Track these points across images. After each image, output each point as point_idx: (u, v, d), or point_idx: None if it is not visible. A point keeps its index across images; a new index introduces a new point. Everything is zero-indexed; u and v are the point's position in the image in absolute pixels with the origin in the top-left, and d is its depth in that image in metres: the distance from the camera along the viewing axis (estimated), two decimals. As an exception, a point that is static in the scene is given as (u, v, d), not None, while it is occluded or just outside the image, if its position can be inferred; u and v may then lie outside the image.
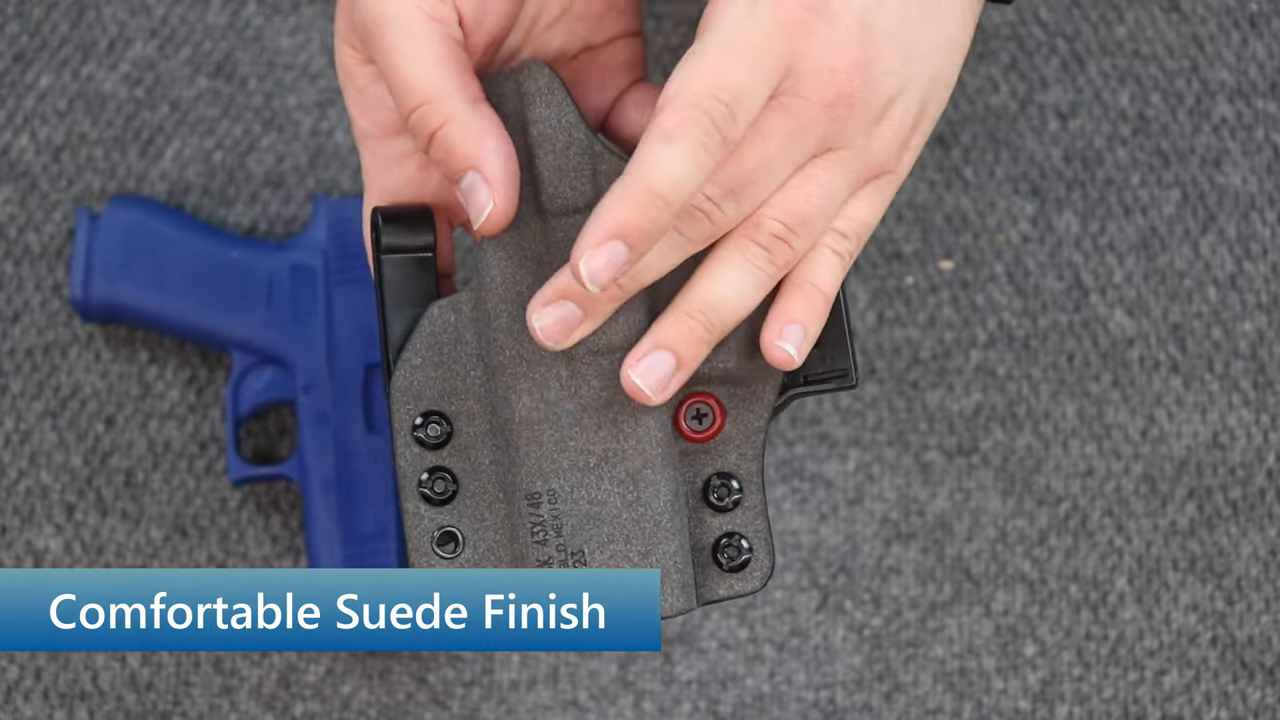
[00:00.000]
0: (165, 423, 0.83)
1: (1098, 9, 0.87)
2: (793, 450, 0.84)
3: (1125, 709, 0.83)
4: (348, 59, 0.56)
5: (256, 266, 0.81)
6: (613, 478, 0.55)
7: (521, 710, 0.82)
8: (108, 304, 0.81)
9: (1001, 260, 0.86)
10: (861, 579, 0.83)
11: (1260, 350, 0.85)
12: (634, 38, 0.61)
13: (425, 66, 0.53)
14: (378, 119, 0.57)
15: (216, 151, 0.85)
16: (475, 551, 0.55)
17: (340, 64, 0.57)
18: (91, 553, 0.83)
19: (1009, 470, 0.84)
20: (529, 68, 0.55)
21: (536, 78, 0.55)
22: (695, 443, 0.56)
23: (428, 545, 0.55)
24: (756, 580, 0.56)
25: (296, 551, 0.83)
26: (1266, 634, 0.83)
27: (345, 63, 0.56)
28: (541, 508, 0.55)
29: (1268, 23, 0.88)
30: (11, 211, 0.85)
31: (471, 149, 0.53)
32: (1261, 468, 0.84)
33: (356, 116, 0.57)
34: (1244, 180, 0.86)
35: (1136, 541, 0.84)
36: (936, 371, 0.85)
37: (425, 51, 0.53)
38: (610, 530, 0.55)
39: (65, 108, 0.85)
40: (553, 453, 0.55)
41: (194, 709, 0.81)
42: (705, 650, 0.83)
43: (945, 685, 0.83)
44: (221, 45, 0.86)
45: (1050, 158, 0.86)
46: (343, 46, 0.56)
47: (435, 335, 0.55)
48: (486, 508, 0.55)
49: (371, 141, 0.57)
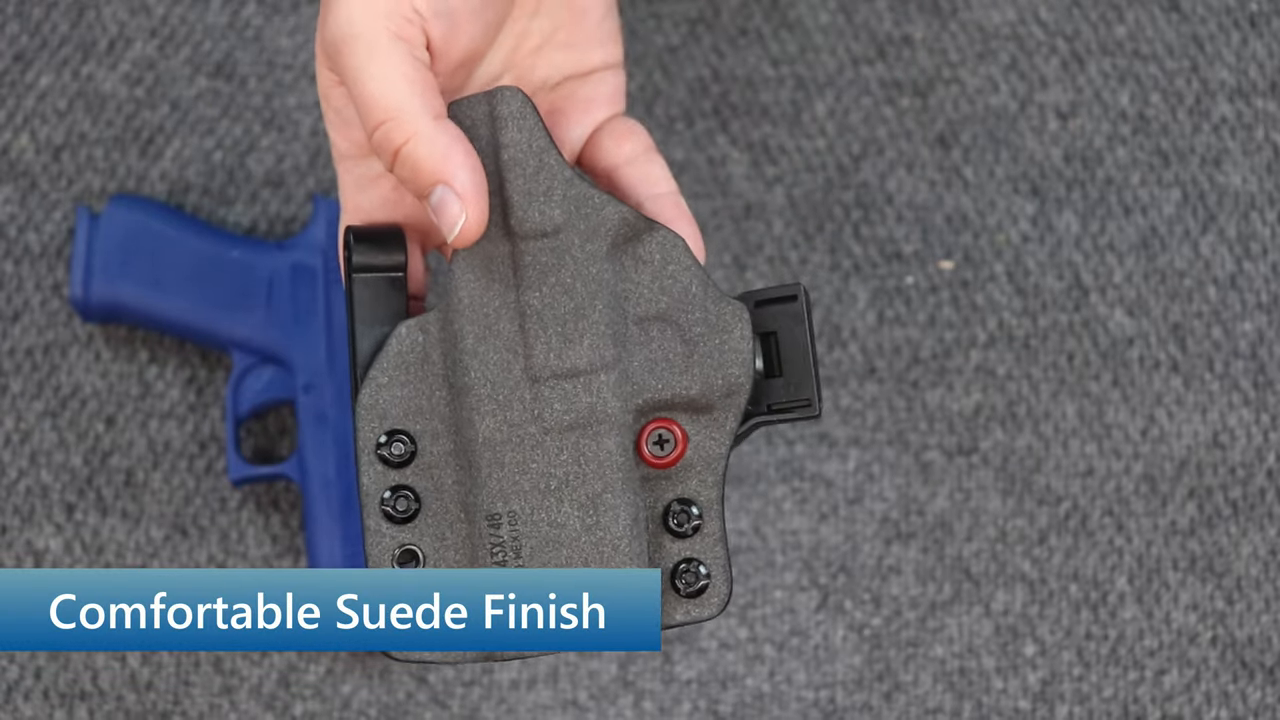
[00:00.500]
0: (165, 423, 0.83)
1: (1098, 9, 0.87)
2: (793, 450, 0.84)
3: (1125, 709, 0.83)
4: (325, 80, 0.56)
5: (256, 266, 0.81)
6: (573, 500, 0.55)
7: (521, 710, 0.82)
8: (108, 304, 0.81)
9: (1001, 260, 0.86)
10: (861, 579, 0.83)
11: (1260, 350, 0.85)
12: (615, 70, 0.61)
13: (389, 83, 0.53)
14: (353, 139, 0.57)
15: (216, 151, 0.85)
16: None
17: (319, 85, 0.57)
18: (91, 553, 0.83)
19: (1009, 470, 0.84)
20: (501, 93, 0.55)
21: (509, 102, 0.55)
22: (656, 468, 0.56)
23: (388, 562, 0.55)
24: (714, 606, 0.56)
25: (296, 551, 0.83)
26: (1266, 634, 0.83)
27: (323, 84, 0.57)
28: (502, 529, 0.55)
29: (1268, 23, 0.88)
30: (11, 211, 0.85)
31: (438, 164, 0.53)
32: (1261, 468, 0.84)
33: (334, 137, 0.58)
34: (1244, 180, 0.86)
35: (1136, 541, 0.84)
36: (936, 371, 0.85)
37: (389, 69, 0.53)
38: (569, 553, 0.55)
39: (65, 108, 0.85)
40: (514, 474, 0.55)
41: (194, 709, 0.81)
42: (705, 650, 0.83)
43: (945, 685, 0.83)
44: (221, 45, 0.86)
45: (1050, 158, 0.86)
46: (321, 69, 0.56)
47: (402, 354, 0.56)
48: (448, 527, 0.56)
49: (348, 162, 0.58)
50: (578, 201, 0.56)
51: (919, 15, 0.87)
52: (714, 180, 0.86)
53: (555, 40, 0.60)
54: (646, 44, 0.87)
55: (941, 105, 0.87)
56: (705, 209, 0.86)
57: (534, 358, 0.55)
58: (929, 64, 0.87)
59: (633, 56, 0.87)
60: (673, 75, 0.87)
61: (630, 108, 0.86)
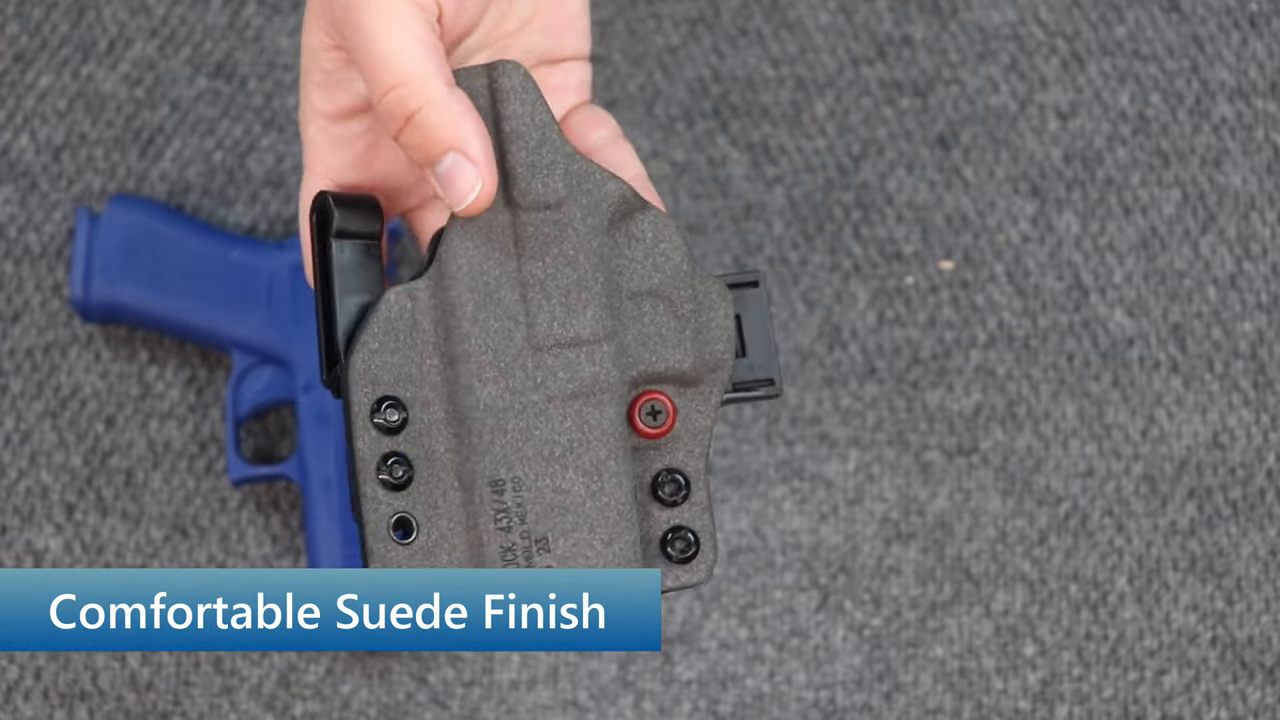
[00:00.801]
0: (165, 423, 0.83)
1: (1098, 9, 0.87)
2: (793, 450, 0.84)
3: (1125, 709, 0.83)
4: (317, 42, 0.57)
5: (256, 266, 0.81)
6: (577, 467, 0.56)
7: (521, 710, 0.82)
8: (108, 304, 0.81)
9: (1001, 260, 0.86)
10: (861, 579, 0.83)
11: (1260, 350, 0.85)
12: (584, 63, 0.63)
13: (405, 48, 0.53)
14: (339, 103, 0.58)
15: (216, 151, 0.85)
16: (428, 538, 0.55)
17: (308, 46, 0.57)
18: (91, 553, 0.83)
19: (1009, 470, 0.84)
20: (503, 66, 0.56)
21: (511, 75, 0.56)
22: (647, 439, 0.57)
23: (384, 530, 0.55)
24: (702, 571, 0.57)
25: (296, 551, 0.83)
26: (1266, 634, 0.83)
27: (314, 45, 0.57)
28: (505, 494, 0.55)
29: (1268, 23, 0.88)
30: (11, 211, 0.85)
31: (452, 132, 0.53)
32: (1261, 468, 0.84)
33: (314, 96, 0.58)
34: (1244, 180, 0.86)
35: (1136, 541, 0.84)
36: (936, 371, 0.85)
37: (405, 34, 0.53)
38: (574, 519, 0.56)
39: (65, 108, 0.85)
40: (517, 441, 0.56)
41: (194, 709, 0.81)
42: (705, 650, 0.83)
43: (945, 685, 0.83)
44: (221, 45, 0.86)
45: (1050, 158, 0.86)
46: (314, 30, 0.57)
47: (391, 321, 0.56)
48: (440, 495, 0.56)
49: (323, 121, 0.58)
50: (579, 176, 0.56)
51: (919, 15, 0.87)
52: (714, 180, 0.86)
53: (533, 25, 0.61)
54: (646, 44, 0.87)
55: (941, 105, 0.87)
56: (705, 209, 0.86)
57: (537, 326, 0.56)
58: (929, 64, 0.87)
59: (633, 56, 0.87)
60: (673, 75, 0.87)
61: (630, 107, 0.86)
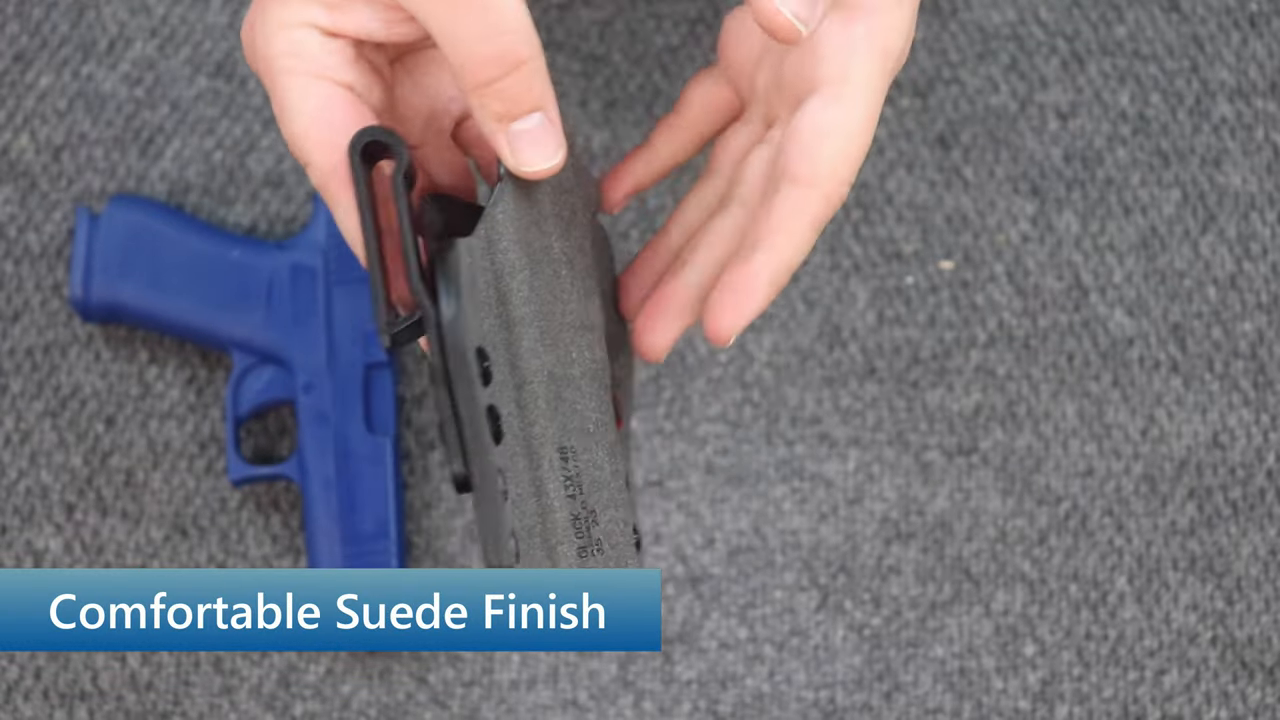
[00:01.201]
0: (165, 423, 0.83)
1: (1098, 9, 0.87)
2: (793, 450, 0.84)
3: (1125, 709, 0.83)
4: None
5: (256, 266, 0.81)
6: (603, 445, 0.56)
7: (521, 710, 0.82)
8: (108, 304, 0.81)
9: (1001, 260, 0.86)
10: (861, 579, 0.83)
11: (1260, 350, 0.85)
12: None
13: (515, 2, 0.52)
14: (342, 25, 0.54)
15: (216, 151, 0.85)
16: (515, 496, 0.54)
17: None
18: (91, 553, 0.82)
19: (1009, 470, 0.84)
20: None
21: None
22: None
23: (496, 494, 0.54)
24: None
25: (296, 551, 0.83)
26: (1266, 634, 0.83)
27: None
28: (569, 462, 0.55)
29: (1268, 23, 0.88)
30: (11, 211, 0.85)
31: (543, 90, 0.52)
32: (1261, 468, 0.84)
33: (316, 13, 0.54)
34: (1244, 180, 0.86)
35: (1136, 541, 0.84)
36: (936, 371, 0.85)
37: None
38: (609, 495, 0.55)
39: (65, 108, 0.85)
40: (569, 412, 0.55)
41: (194, 709, 0.81)
42: (705, 650, 0.83)
43: (945, 685, 0.83)
44: (221, 45, 0.86)
45: (1050, 158, 0.86)
46: None
47: (468, 273, 0.54)
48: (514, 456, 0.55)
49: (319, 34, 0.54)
50: (577, 169, 0.58)
51: (919, 15, 0.87)
52: (714, 180, 0.86)
53: None
54: (646, 44, 0.87)
55: (941, 105, 0.87)
56: (705, 209, 0.86)
57: (571, 304, 0.55)
58: (929, 64, 0.87)
59: (633, 56, 0.87)
60: (673, 75, 0.87)
61: (630, 107, 0.86)
